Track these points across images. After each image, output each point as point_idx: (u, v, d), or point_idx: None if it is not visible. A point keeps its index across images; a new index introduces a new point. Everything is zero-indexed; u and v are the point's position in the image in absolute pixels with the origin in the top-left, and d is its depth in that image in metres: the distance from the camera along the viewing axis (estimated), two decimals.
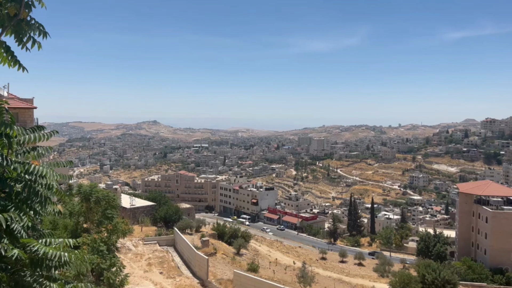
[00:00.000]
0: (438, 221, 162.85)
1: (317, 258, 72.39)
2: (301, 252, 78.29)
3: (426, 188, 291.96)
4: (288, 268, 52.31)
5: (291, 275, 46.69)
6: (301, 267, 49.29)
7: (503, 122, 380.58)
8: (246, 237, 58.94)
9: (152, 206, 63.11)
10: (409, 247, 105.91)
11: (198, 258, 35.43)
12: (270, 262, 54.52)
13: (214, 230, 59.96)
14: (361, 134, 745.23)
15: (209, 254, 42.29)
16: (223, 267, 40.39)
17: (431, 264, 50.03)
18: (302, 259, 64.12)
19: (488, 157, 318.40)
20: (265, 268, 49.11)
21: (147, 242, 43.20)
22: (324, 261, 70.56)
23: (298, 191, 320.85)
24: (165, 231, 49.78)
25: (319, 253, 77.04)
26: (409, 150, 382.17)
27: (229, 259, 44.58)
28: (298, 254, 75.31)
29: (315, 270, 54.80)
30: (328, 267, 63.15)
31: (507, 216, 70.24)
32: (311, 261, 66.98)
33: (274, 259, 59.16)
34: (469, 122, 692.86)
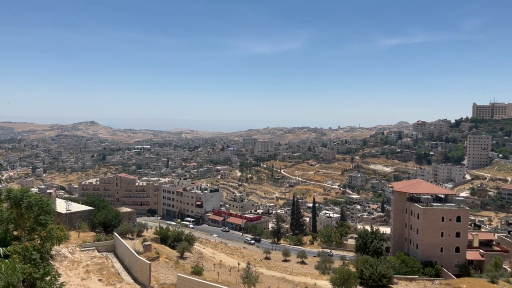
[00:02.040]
0: (375, 218, 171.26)
1: (261, 258, 73.16)
2: (245, 253, 78.69)
3: (363, 187, 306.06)
4: (233, 269, 52.35)
5: (235, 276, 46.76)
6: (246, 268, 49.57)
7: (432, 125, 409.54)
8: (190, 240, 58.14)
9: (90, 210, 60.20)
10: (348, 244, 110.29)
11: (139, 263, 34.35)
12: (215, 264, 54.23)
13: (157, 234, 58.50)
14: (303, 136, 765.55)
15: (152, 258, 41.17)
16: (166, 271, 39.52)
17: (368, 260, 52.52)
18: (247, 260, 64.47)
19: (419, 157, 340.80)
20: (209, 270, 48.75)
21: (84, 248, 41.13)
22: (268, 261, 71.46)
23: (243, 192, 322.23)
24: (105, 237, 47.72)
25: (263, 253, 77.90)
26: (348, 151, 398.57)
27: (172, 263, 43.71)
28: (243, 255, 75.63)
29: (259, 270, 55.35)
30: (272, 266, 64.05)
31: (436, 212, 75.64)
32: (256, 261, 67.56)
33: (218, 261, 58.91)
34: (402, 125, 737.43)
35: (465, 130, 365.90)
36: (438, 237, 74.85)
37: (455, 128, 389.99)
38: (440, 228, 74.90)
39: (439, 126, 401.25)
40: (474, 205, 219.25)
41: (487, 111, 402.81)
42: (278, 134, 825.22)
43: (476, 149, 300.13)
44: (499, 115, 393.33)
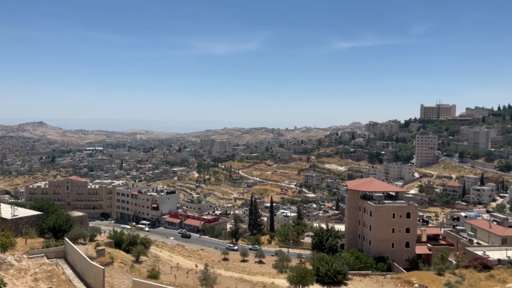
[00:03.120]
0: (330, 216, 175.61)
1: (219, 260, 72.85)
2: (203, 255, 78.00)
3: (319, 186, 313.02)
4: (190, 271, 51.75)
5: (193, 279, 46.28)
6: (203, 270, 49.15)
7: (383, 125, 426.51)
8: (146, 244, 56.77)
9: (38, 215, 57.17)
10: (305, 242, 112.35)
11: (93, 269, 33.13)
12: (172, 267, 53.34)
13: (111, 238, 56.59)
14: (261, 136, 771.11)
15: (105, 263, 39.82)
16: (121, 276, 38.36)
17: (324, 257, 53.79)
18: (204, 262, 63.94)
19: (371, 156, 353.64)
20: (166, 273, 47.89)
21: (32, 255, 39.04)
22: (226, 261, 71.26)
23: (201, 193, 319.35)
24: (55, 243, 45.53)
25: (221, 254, 77.60)
26: (304, 151, 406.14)
27: (127, 267, 42.50)
28: (201, 257, 74.93)
29: (217, 271, 55.09)
30: (230, 267, 63.94)
31: (387, 209, 78.82)
32: (214, 262, 67.16)
33: (175, 263, 58.01)
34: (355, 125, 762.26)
35: (413, 130, 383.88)
36: (389, 233, 78.03)
37: (404, 128, 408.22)
38: (391, 225, 78.11)
39: (389, 126, 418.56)
40: (422, 202, 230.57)
41: (434, 112, 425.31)
42: (236, 134, 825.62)
43: (423, 148, 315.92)
44: (444, 116, 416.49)
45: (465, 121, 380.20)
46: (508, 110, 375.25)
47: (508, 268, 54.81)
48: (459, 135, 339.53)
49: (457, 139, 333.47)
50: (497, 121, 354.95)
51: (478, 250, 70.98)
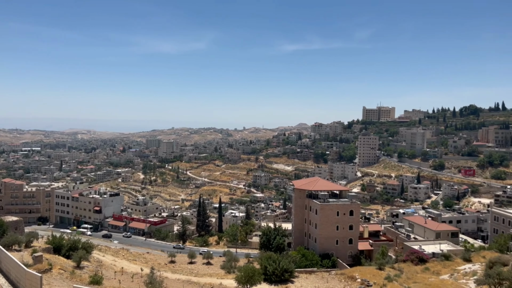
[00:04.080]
0: (278, 215, 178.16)
1: (166, 262, 71.38)
2: (149, 258, 76.01)
3: (267, 186, 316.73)
4: (136, 276, 50.24)
5: (138, 283, 44.97)
6: (149, 273, 47.92)
7: (328, 126, 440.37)
8: (87, 248, 54.31)
9: None
10: (253, 242, 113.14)
11: (29, 276, 31.12)
12: (116, 272, 51.46)
13: (49, 243, 53.45)
14: (210, 137, 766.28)
15: (43, 270, 37.57)
16: (60, 283, 36.37)
17: (272, 256, 54.52)
18: (150, 265, 62.34)
19: (317, 156, 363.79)
20: (110, 279, 46.11)
21: None
22: (173, 264, 69.97)
23: (147, 195, 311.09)
24: None
25: (168, 256, 76.08)
26: (253, 151, 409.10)
27: (67, 273, 40.37)
28: (146, 260, 72.96)
29: (164, 274, 53.97)
30: (177, 270, 62.86)
31: (332, 208, 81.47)
32: (160, 266, 65.69)
33: (120, 268, 56.03)
34: (302, 126, 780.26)
35: (356, 131, 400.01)
36: (334, 231, 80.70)
37: (348, 129, 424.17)
38: (335, 222, 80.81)
39: (334, 127, 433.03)
40: (364, 200, 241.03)
41: (375, 114, 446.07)
42: (184, 135, 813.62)
43: (365, 148, 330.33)
44: (384, 118, 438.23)
45: (403, 122, 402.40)
46: (442, 113, 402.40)
47: (441, 261, 58.70)
48: (398, 136, 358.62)
49: (396, 139, 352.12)
50: (431, 123, 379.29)
51: (415, 245, 75.35)
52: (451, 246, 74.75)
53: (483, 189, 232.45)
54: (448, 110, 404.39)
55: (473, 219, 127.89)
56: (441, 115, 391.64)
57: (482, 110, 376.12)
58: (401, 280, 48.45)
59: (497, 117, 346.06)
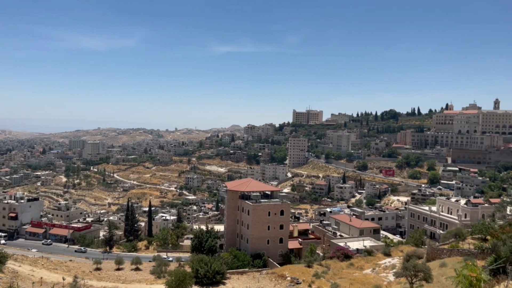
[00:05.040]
0: (210, 217, 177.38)
1: (91, 270, 67.63)
2: (72, 266, 71.44)
3: (200, 188, 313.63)
4: (57, 285, 46.92)
5: None
6: (72, 283, 45.03)
7: (260, 128, 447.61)
8: (1, 259, 49.71)
9: None
10: (184, 245, 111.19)
11: None
12: (34, 283, 47.65)
13: None
14: (139, 138, 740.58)
15: None
16: None
17: (203, 258, 54.05)
18: (74, 274, 58.60)
19: (250, 158, 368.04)
20: None
21: None
22: (98, 271, 66.46)
23: (70, 199, 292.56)
24: None
25: (93, 264, 72.11)
26: (185, 153, 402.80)
27: None
28: (69, 268, 68.48)
29: (89, 282, 51.08)
30: (103, 277, 59.82)
31: (264, 208, 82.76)
32: (84, 274, 62.05)
33: (39, 278, 51.96)
34: (235, 128, 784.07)
35: (287, 134, 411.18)
36: (265, 231, 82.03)
37: (279, 131, 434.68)
38: (267, 222, 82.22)
39: (266, 129, 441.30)
40: (294, 199, 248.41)
41: (304, 117, 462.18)
42: (111, 135, 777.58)
43: (295, 150, 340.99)
44: (313, 121, 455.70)
45: (330, 125, 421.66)
46: (365, 116, 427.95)
47: (364, 256, 62.32)
48: (325, 138, 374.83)
49: (324, 142, 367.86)
50: (356, 126, 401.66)
51: (340, 242, 79.15)
52: (373, 242, 79.64)
53: (401, 188, 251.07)
54: (371, 114, 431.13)
55: (393, 216, 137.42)
56: (365, 119, 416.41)
57: (401, 115, 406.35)
58: (328, 276, 50.58)
59: (414, 121, 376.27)
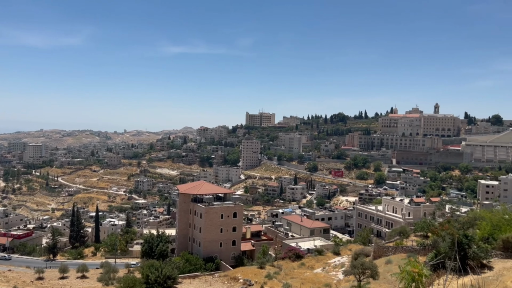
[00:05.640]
0: (161, 221, 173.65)
1: (32, 280, 63.73)
2: (11, 276, 66.88)
3: (150, 192, 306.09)
4: None
5: None
6: None
7: (213, 130, 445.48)
8: None
9: None
10: (134, 251, 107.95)
11: None
12: None
13: None
14: (86, 140, 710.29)
15: None
16: None
17: (154, 263, 52.70)
18: (13, 284, 54.93)
19: (203, 160, 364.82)
20: None
21: None
22: (41, 281, 62.79)
23: (9, 205, 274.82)
24: None
25: (35, 273, 68.01)
26: (135, 155, 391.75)
27: None
28: (8, 279, 64.05)
29: None
30: (46, 286, 56.66)
31: (216, 211, 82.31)
32: (25, 284, 58.38)
33: None
34: (187, 130, 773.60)
35: (240, 136, 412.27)
36: (218, 233, 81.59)
37: (232, 133, 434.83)
38: (219, 225, 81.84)
39: (219, 131, 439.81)
40: (247, 201, 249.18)
41: (257, 120, 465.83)
42: (55, 137, 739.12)
43: (248, 152, 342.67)
44: (266, 123, 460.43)
45: (283, 128, 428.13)
46: (315, 119, 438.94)
47: (315, 256, 63.75)
48: (277, 140, 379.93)
49: (276, 144, 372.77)
50: (307, 128, 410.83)
51: (292, 242, 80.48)
52: (324, 242, 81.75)
53: (350, 188, 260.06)
54: (321, 117, 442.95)
55: (342, 216, 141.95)
56: (315, 122, 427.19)
57: (349, 118, 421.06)
58: (280, 277, 51.17)
59: (361, 124, 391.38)
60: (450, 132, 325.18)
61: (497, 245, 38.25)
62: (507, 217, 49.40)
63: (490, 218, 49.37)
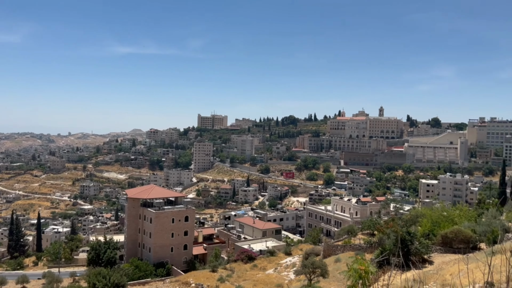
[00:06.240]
0: (109, 227, 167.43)
1: None
2: None
3: (97, 197, 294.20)
4: None
5: None
6: None
7: (164, 133, 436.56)
8: None
9: None
10: (80, 259, 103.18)
11: None
12: None
13: None
14: (26, 143, 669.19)
15: None
16: None
17: (101, 271, 50.70)
18: None
19: (153, 163, 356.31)
20: None
21: None
22: None
23: None
24: None
25: None
26: (80, 159, 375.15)
27: None
28: None
29: None
30: None
31: (167, 215, 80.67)
32: None
33: None
34: (136, 132, 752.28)
35: (192, 138, 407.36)
36: (169, 238, 79.99)
37: (183, 136, 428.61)
38: (170, 229, 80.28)
39: (170, 134, 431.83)
40: (199, 205, 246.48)
41: (209, 122, 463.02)
42: None
43: (200, 154, 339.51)
44: (218, 126, 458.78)
45: (235, 130, 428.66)
46: (267, 122, 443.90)
47: (267, 257, 64.31)
48: (230, 142, 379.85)
49: (229, 146, 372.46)
50: (259, 131, 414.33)
51: (244, 244, 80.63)
52: (275, 242, 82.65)
53: (300, 189, 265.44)
54: (273, 119, 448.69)
55: (293, 216, 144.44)
56: (267, 124, 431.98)
57: (299, 120, 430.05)
58: (233, 279, 51.12)
59: (311, 126, 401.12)
60: (394, 134, 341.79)
61: (436, 241, 40.69)
62: (445, 214, 52.75)
63: (430, 215, 52.48)
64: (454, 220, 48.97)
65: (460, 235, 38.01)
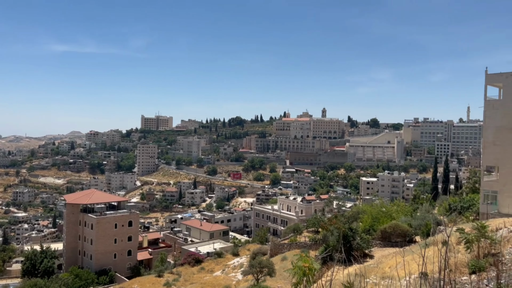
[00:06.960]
0: (46, 235, 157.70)
1: None
2: None
3: (32, 203, 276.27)
4: None
5: None
6: None
7: (105, 135, 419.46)
8: None
9: None
10: (13, 270, 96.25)
11: None
12: None
13: None
14: None
15: None
16: None
17: (38, 282, 47.80)
18: None
19: (93, 167, 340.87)
20: None
21: None
22: None
23: None
24: None
25: None
26: (12, 163, 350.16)
27: None
28: None
29: None
30: None
31: (109, 220, 77.52)
32: None
33: None
34: (75, 134, 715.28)
35: (135, 140, 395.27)
36: (111, 244, 76.95)
37: (126, 138, 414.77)
38: (113, 235, 77.27)
39: (111, 136, 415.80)
40: (144, 209, 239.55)
41: (154, 123, 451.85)
42: None
43: (145, 157, 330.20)
44: (163, 127, 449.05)
45: (181, 132, 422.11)
46: (214, 123, 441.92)
47: (215, 259, 63.89)
48: (176, 144, 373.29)
49: (174, 148, 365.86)
50: (206, 132, 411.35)
51: (191, 247, 79.55)
52: (223, 244, 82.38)
53: (248, 189, 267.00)
54: (220, 120, 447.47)
55: (240, 217, 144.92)
56: (214, 125, 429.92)
57: (246, 122, 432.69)
58: (179, 283, 50.23)
59: (257, 127, 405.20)
60: (336, 134, 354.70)
61: (376, 236, 42.74)
62: (384, 210, 55.57)
63: (370, 212, 55.03)
64: (392, 215, 51.76)
65: (397, 230, 40.24)
